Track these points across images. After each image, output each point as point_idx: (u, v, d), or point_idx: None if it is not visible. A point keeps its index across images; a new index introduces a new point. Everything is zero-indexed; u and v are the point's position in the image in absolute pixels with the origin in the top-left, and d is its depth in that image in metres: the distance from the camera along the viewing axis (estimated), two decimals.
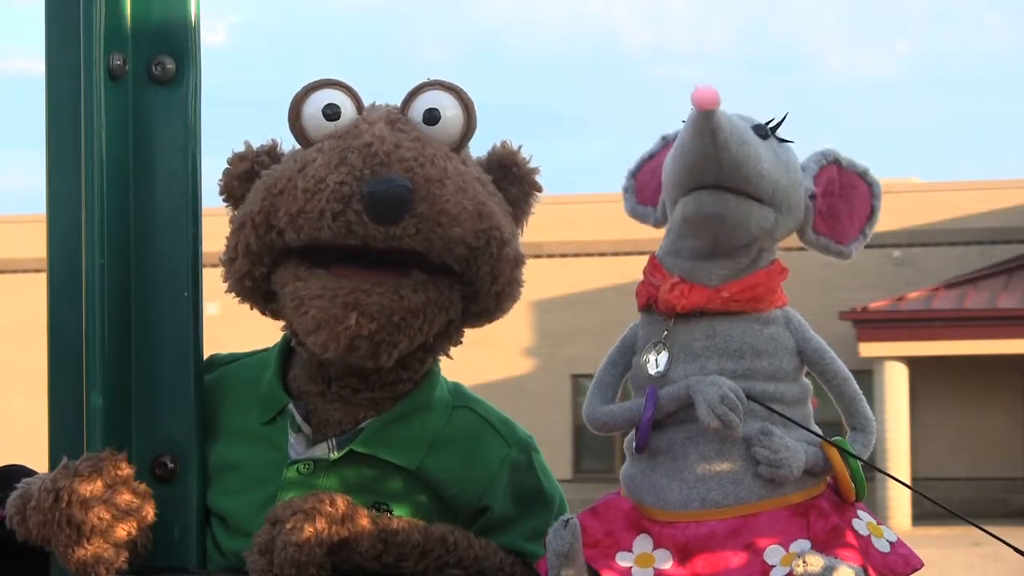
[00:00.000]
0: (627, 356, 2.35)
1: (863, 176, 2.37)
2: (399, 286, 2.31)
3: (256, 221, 2.36)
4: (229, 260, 2.41)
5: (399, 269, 2.32)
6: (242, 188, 2.43)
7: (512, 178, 2.46)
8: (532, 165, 2.49)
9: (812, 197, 2.33)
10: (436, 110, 2.39)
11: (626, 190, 2.44)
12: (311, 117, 2.38)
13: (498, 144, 2.49)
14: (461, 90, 2.41)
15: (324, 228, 2.29)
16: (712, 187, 2.21)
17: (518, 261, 2.42)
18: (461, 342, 2.49)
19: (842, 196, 2.36)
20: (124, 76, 2.47)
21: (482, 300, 2.42)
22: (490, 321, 2.47)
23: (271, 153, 2.44)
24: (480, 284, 2.39)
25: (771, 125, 2.29)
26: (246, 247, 2.38)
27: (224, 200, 2.46)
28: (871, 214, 2.37)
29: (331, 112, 2.38)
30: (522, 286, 2.45)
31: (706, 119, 2.16)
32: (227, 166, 2.45)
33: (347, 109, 2.39)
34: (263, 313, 2.47)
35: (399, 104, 2.43)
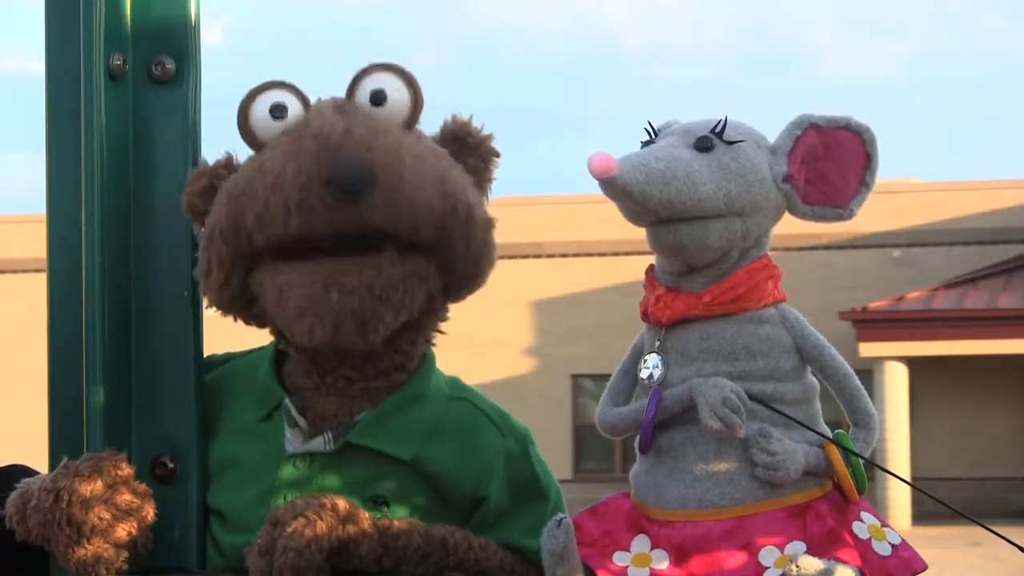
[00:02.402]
0: (637, 363, 2.36)
1: (847, 127, 2.30)
2: (376, 263, 2.31)
3: (224, 229, 2.35)
4: (205, 274, 2.40)
5: (373, 252, 2.32)
6: (204, 204, 2.42)
7: (468, 148, 2.46)
8: (485, 132, 2.48)
9: (787, 178, 2.29)
10: (381, 91, 2.39)
11: None
12: (259, 120, 2.38)
13: (448, 119, 2.48)
14: (403, 68, 2.42)
15: (291, 220, 2.29)
16: (660, 223, 2.22)
17: (488, 224, 2.42)
18: (447, 318, 2.49)
19: (828, 156, 2.30)
20: (124, 76, 2.47)
21: (459, 267, 2.40)
22: (471, 290, 2.47)
23: (228, 166, 2.44)
24: (454, 251, 2.38)
25: (716, 130, 2.27)
26: (219, 258, 2.37)
27: (190, 216, 2.45)
28: (868, 161, 2.30)
29: (278, 113, 2.37)
30: (496, 249, 2.45)
31: (611, 187, 2.18)
32: (187, 183, 2.44)
33: (294, 108, 2.39)
34: (247, 322, 2.46)
35: (343, 94, 2.42)
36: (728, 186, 2.24)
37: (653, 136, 2.31)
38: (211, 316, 2.50)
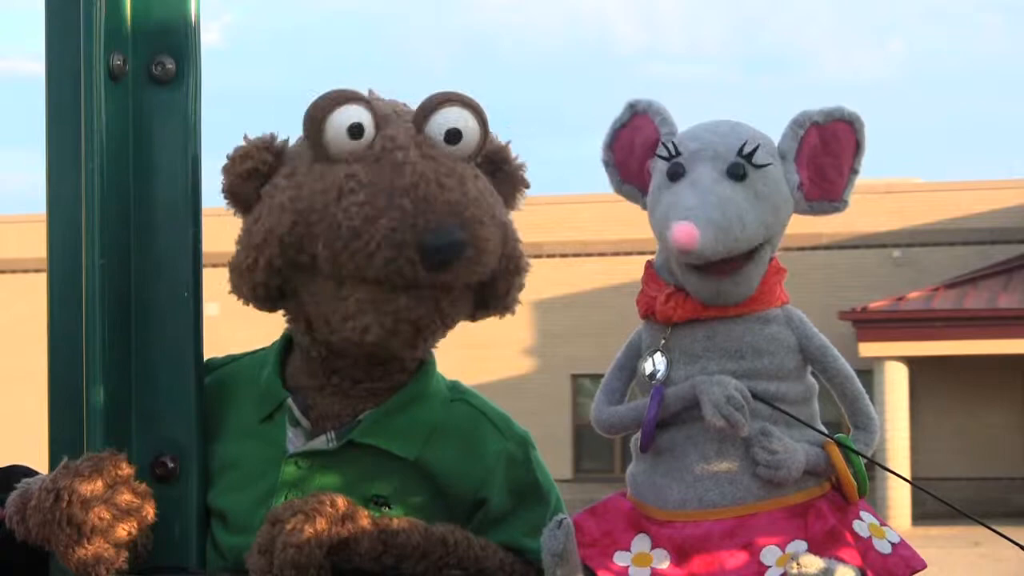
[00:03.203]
0: (633, 360, 2.35)
1: (841, 118, 2.31)
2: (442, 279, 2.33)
3: (285, 241, 2.34)
4: (247, 270, 2.38)
5: None
6: (246, 188, 2.40)
7: (502, 175, 2.47)
8: (520, 161, 2.49)
9: (800, 186, 2.30)
10: (458, 131, 2.38)
11: (607, 164, 2.39)
12: (335, 136, 2.34)
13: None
14: (479, 106, 2.40)
15: (372, 268, 2.28)
16: (702, 267, 2.23)
17: (526, 271, 2.46)
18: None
19: (826, 152, 2.31)
20: (124, 76, 2.47)
21: (491, 309, 2.46)
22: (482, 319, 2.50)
23: (271, 148, 2.42)
24: (493, 297, 2.43)
25: (746, 153, 2.25)
26: (268, 263, 2.36)
27: (227, 200, 2.43)
28: (856, 148, 2.31)
29: (357, 133, 2.35)
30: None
31: (689, 255, 2.18)
32: (229, 164, 2.41)
33: (368, 126, 2.36)
34: (271, 311, 2.46)
35: (411, 113, 2.40)
36: (765, 217, 2.25)
37: (675, 154, 2.28)
38: (211, 316, 2.49)
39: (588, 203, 27.11)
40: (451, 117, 2.38)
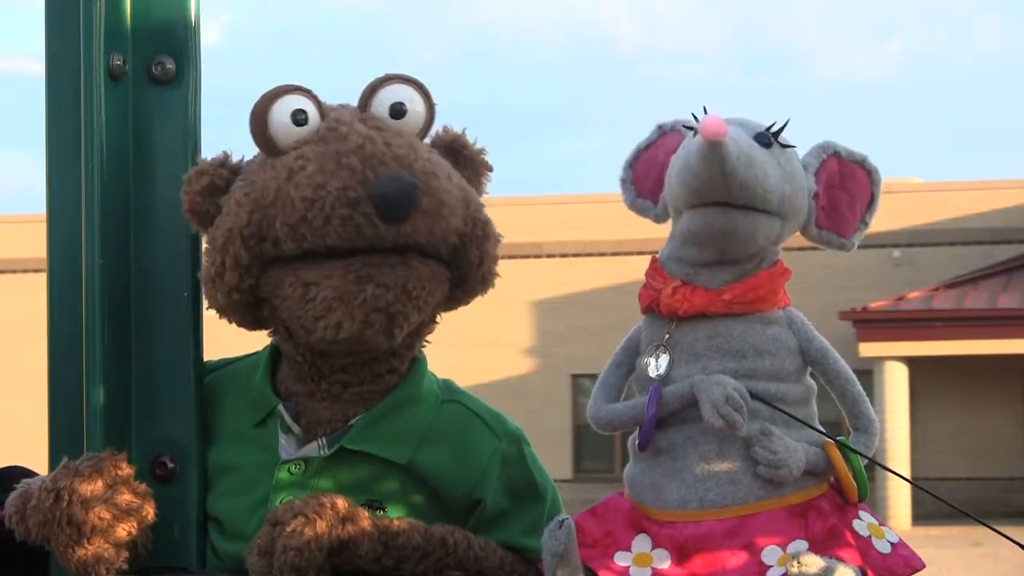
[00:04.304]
0: (631, 357, 2.36)
1: (862, 164, 2.37)
2: (404, 261, 2.33)
3: (245, 234, 2.35)
4: (216, 276, 2.39)
5: (398, 253, 2.34)
6: (205, 204, 2.41)
7: (462, 161, 2.48)
8: (479, 146, 2.50)
9: (815, 196, 2.34)
10: (401, 104, 2.40)
11: (624, 181, 2.42)
12: (280, 126, 2.37)
13: (440, 130, 2.49)
14: (419, 81, 2.43)
15: (331, 234, 2.29)
16: (719, 204, 2.22)
17: (498, 241, 2.46)
18: (437, 323, 2.50)
19: (842, 187, 2.35)
20: (124, 76, 2.47)
21: (469, 280, 2.44)
22: (469, 302, 2.50)
23: (226, 165, 2.43)
24: (468, 267, 2.42)
25: (773, 130, 2.29)
26: (235, 261, 2.36)
27: (190, 219, 2.44)
28: (871, 201, 2.37)
29: (301, 118, 2.37)
30: (497, 263, 2.48)
31: (714, 150, 2.17)
32: (186, 183, 2.43)
33: (312, 114, 2.39)
34: (249, 327, 2.46)
35: (357, 102, 2.43)
36: (783, 186, 2.27)
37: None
38: (212, 316, 2.49)
39: (588, 203, 27.10)
40: (394, 92, 2.41)
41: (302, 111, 2.38)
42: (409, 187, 2.28)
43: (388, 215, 2.28)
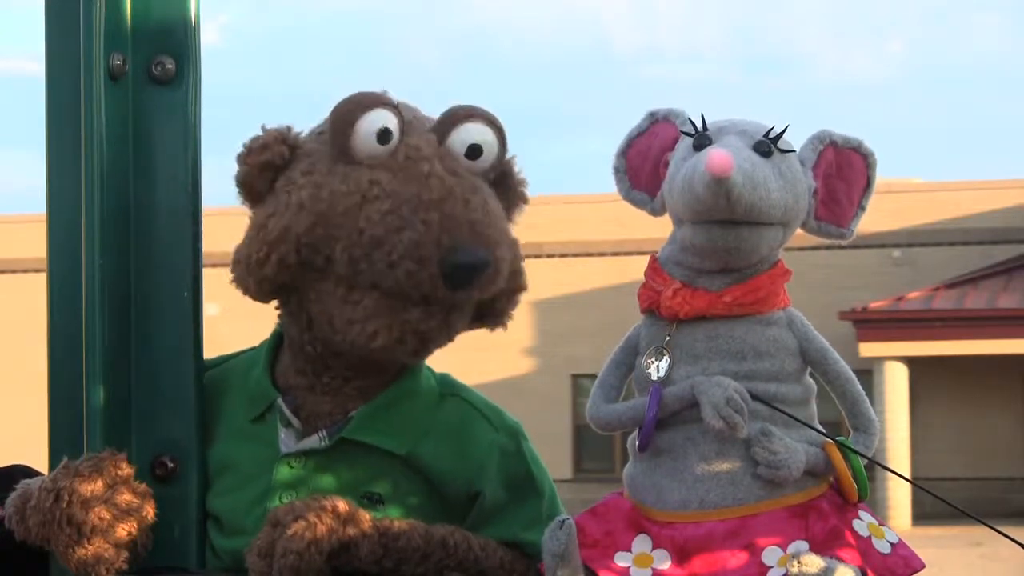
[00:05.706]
0: (631, 357, 2.35)
1: (857, 149, 2.35)
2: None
3: (302, 241, 2.31)
4: (256, 264, 2.34)
5: None
6: (260, 180, 2.37)
7: (505, 190, 2.45)
8: (521, 176, 2.48)
9: (815, 193, 2.33)
10: (479, 147, 2.37)
11: (617, 170, 2.40)
12: (364, 140, 2.32)
13: None
14: (500, 124, 2.40)
15: (391, 279, 2.28)
16: (723, 221, 2.22)
17: (526, 288, 2.47)
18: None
19: (839, 176, 2.34)
20: (124, 76, 2.47)
21: (486, 321, 2.47)
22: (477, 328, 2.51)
23: (287, 141, 2.38)
24: (492, 312, 2.45)
25: (771, 136, 2.28)
26: (281, 260, 2.33)
27: (240, 190, 2.39)
28: (867, 185, 2.35)
29: (386, 139, 2.33)
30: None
31: (719, 184, 2.17)
32: (245, 153, 2.37)
33: (396, 134, 2.34)
34: (263, 301, 2.44)
35: (429, 121, 2.39)
36: (787, 197, 2.26)
37: (703, 129, 2.30)
38: (211, 316, 2.49)
39: (588, 203, 27.11)
40: (473, 132, 2.37)
41: (388, 131, 2.33)
42: (482, 264, 2.28)
43: (454, 284, 2.28)
